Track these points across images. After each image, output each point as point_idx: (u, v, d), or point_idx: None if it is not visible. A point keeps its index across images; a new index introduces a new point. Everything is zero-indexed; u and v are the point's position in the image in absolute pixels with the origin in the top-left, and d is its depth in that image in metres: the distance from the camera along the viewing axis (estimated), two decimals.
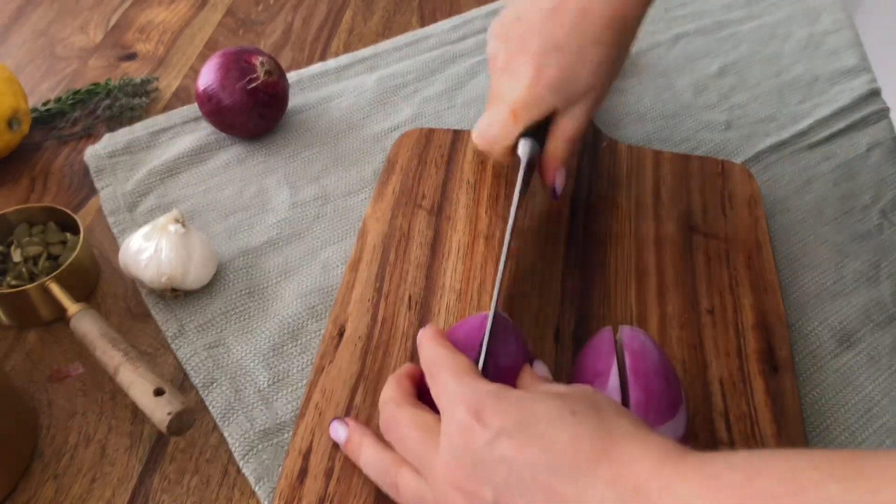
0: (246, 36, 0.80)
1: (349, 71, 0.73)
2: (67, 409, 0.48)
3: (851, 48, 0.75)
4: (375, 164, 0.64)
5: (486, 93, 0.70)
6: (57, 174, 0.64)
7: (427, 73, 0.73)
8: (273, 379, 0.49)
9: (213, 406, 0.48)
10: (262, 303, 0.53)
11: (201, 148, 0.65)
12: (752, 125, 0.67)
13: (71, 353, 0.51)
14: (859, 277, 0.55)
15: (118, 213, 0.60)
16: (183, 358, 0.50)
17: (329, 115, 0.69)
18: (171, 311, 0.53)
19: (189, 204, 0.60)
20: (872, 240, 0.58)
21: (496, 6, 0.81)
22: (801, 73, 0.72)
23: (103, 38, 0.80)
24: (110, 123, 0.68)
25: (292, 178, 0.63)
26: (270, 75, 0.62)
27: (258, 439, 0.46)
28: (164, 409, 0.42)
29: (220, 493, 0.44)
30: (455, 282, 0.52)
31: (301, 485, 0.42)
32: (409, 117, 0.68)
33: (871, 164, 0.64)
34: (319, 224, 0.59)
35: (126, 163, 0.64)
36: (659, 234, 0.55)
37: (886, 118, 0.68)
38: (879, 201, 0.61)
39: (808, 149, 0.65)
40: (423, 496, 0.37)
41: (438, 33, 0.78)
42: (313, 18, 0.82)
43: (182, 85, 0.74)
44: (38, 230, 0.55)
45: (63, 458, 0.46)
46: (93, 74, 0.75)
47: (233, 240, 0.58)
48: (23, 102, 0.63)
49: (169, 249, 0.51)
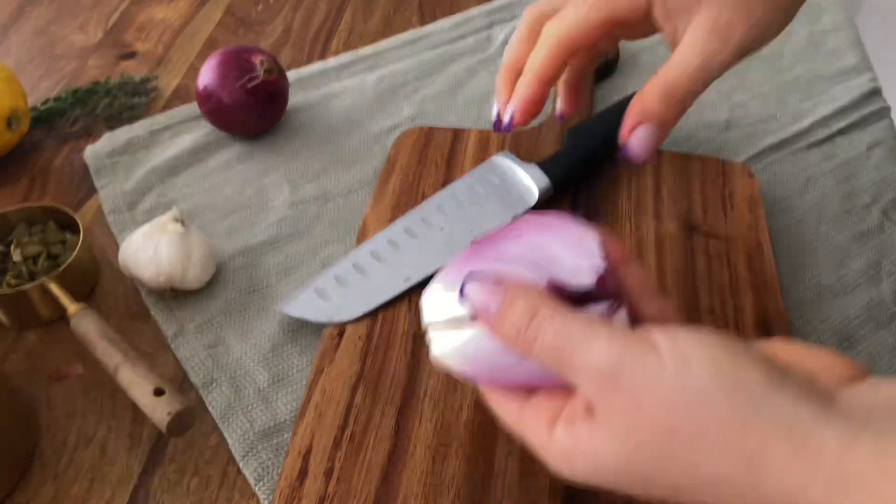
0: (246, 35, 0.80)
1: (349, 70, 0.73)
2: (67, 410, 0.48)
3: (852, 47, 0.75)
4: (376, 163, 0.64)
5: (486, 92, 0.71)
6: (56, 173, 0.64)
7: (427, 72, 0.73)
8: (273, 379, 0.49)
9: (212, 406, 0.48)
10: (262, 302, 0.53)
11: (201, 147, 0.65)
12: (753, 124, 0.67)
13: (70, 353, 0.51)
14: (860, 277, 0.55)
15: (118, 213, 0.59)
16: (182, 358, 0.50)
17: (329, 114, 0.68)
18: (170, 310, 0.53)
19: (189, 203, 0.60)
20: (873, 239, 0.58)
21: (496, 5, 0.81)
22: (802, 73, 0.72)
23: (103, 37, 0.79)
24: (110, 122, 0.68)
25: (292, 177, 0.63)
26: (270, 74, 0.62)
27: (258, 439, 0.46)
28: (163, 410, 0.42)
29: (219, 493, 0.44)
30: None
31: (301, 485, 0.42)
32: (410, 116, 0.68)
33: (872, 164, 0.64)
34: (319, 223, 0.59)
35: (126, 162, 0.64)
36: (659, 234, 0.55)
37: (887, 117, 0.68)
38: (880, 200, 0.61)
39: (809, 148, 0.65)
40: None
41: (439, 32, 0.78)
42: (313, 17, 0.82)
43: (182, 84, 0.73)
44: (37, 230, 0.55)
45: (62, 458, 0.46)
46: (92, 73, 0.75)
47: (233, 239, 0.58)
48: (22, 101, 0.63)
49: (169, 249, 0.51)
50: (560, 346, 0.28)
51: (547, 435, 0.29)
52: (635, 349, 0.27)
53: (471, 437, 0.44)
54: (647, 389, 0.26)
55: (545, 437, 0.29)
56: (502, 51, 0.75)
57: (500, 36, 0.77)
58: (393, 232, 0.54)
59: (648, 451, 0.26)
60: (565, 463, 0.29)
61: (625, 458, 0.27)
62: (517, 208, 0.55)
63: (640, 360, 0.26)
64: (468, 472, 0.42)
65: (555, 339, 0.28)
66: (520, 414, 0.31)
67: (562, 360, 0.28)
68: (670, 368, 0.26)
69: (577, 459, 0.28)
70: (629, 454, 0.27)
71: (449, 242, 0.53)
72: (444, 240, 0.54)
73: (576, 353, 0.28)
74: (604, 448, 0.27)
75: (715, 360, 0.26)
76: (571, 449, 0.28)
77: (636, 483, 0.28)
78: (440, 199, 0.56)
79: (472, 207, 0.55)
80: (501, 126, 0.43)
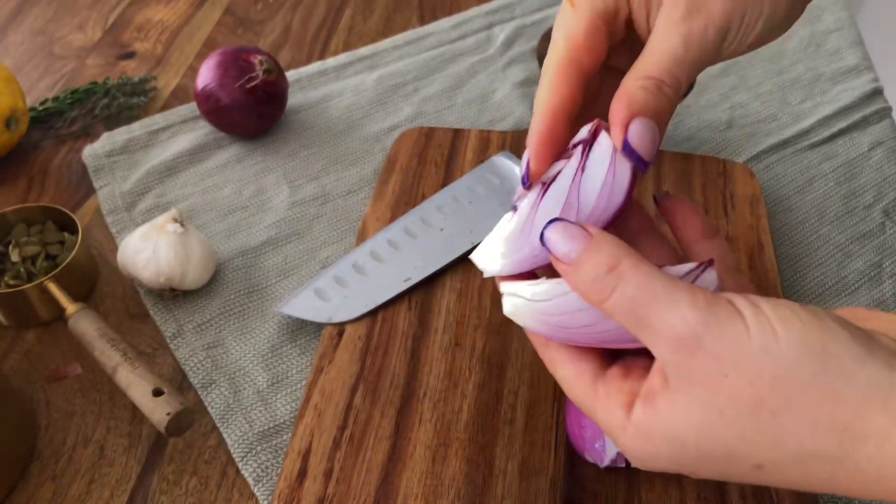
0: (245, 35, 0.79)
1: (349, 70, 0.73)
2: (66, 410, 0.48)
3: (853, 47, 0.75)
4: (375, 163, 0.63)
5: (486, 92, 0.70)
6: (55, 174, 0.64)
7: (427, 71, 0.73)
8: (272, 379, 0.49)
9: (211, 407, 0.47)
10: (261, 303, 0.53)
11: (200, 147, 0.65)
12: (754, 124, 0.67)
13: (69, 354, 0.51)
14: (861, 277, 0.55)
15: (116, 213, 0.59)
16: (181, 358, 0.50)
17: (328, 115, 0.68)
18: (169, 311, 0.52)
19: (188, 203, 0.60)
20: (874, 239, 0.58)
21: (496, 5, 0.81)
22: (803, 73, 0.72)
23: (101, 37, 0.79)
24: (108, 123, 0.68)
25: (291, 177, 0.62)
26: (269, 74, 0.62)
27: (257, 440, 0.46)
28: (162, 410, 0.42)
29: (218, 494, 0.44)
30: (455, 282, 0.52)
31: (300, 486, 0.42)
32: (409, 116, 0.68)
33: (873, 164, 0.63)
34: (319, 223, 0.59)
35: (124, 162, 0.63)
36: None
37: (888, 117, 0.68)
38: (881, 201, 0.60)
39: (810, 148, 0.65)
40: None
41: (438, 32, 0.77)
42: (312, 17, 0.82)
43: (180, 84, 0.73)
44: (36, 230, 0.55)
45: (61, 458, 0.46)
46: (91, 73, 0.74)
47: (231, 239, 0.57)
48: (21, 102, 0.63)
49: (167, 249, 0.50)
50: (639, 301, 0.26)
51: (624, 417, 0.28)
52: (720, 315, 0.25)
53: (471, 437, 0.44)
54: (732, 358, 0.24)
55: (622, 419, 0.28)
56: (502, 51, 0.75)
57: (500, 36, 0.76)
58: (392, 232, 0.54)
59: (731, 421, 0.25)
60: (644, 444, 0.27)
61: (706, 428, 0.25)
62: None
63: (724, 327, 0.25)
64: (468, 473, 0.42)
65: (635, 292, 0.26)
66: (592, 393, 0.30)
67: (639, 317, 0.26)
68: (757, 337, 0.24)
69: (657, 437, 0.27)
70: (711, 423, 0.25)
71: (449, 242, 0.53)
72: (443, 240, 0.53)
73: (655, 312, 0.26)
74: (683, 418, 0.26)
75: (802, 329, 0.24)
76: (649, 426, 0.27)
77: (717, 460, 0.26)
78: (440, 200, 0.56)
79: (472, 207, 0.55)
80: (523, 180, 0.34)
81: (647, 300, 0.26)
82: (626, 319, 0.27)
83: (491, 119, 0.68)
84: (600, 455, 0.41)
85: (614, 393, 0.29)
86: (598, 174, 0.31)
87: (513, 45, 0.75)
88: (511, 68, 0.73)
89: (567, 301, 0.29)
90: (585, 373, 0.30)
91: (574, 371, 0.30)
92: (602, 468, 0.42)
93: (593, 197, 0.31)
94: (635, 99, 0.31)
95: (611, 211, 0.31)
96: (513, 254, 0.32)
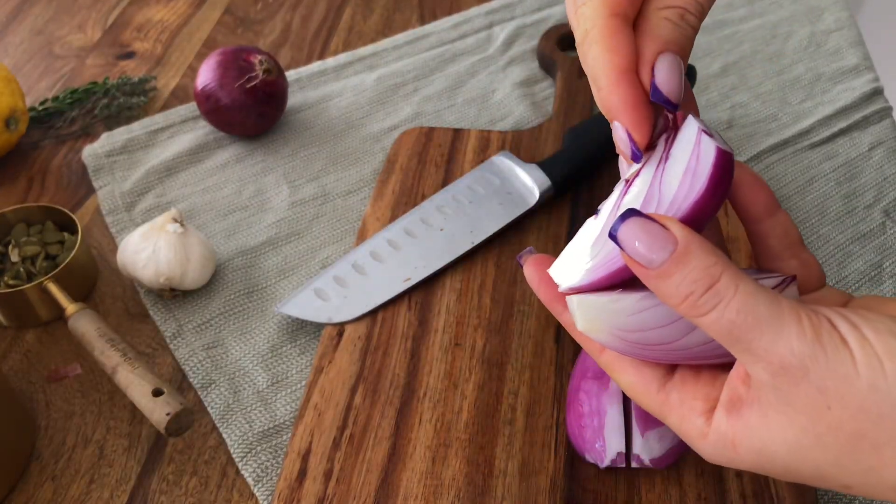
0: (245, 34, 0.79)
1: (348, 70, 0.73)
2: (65, 410, 0.48)
3: (854, 47, 0.75)
4: (375, 163, 0.63)
5: (486, 92, 0.70)
6: (55, 173, 0.64)
7: (427, 71, 0.73)
8: (272, 380, 0.49)
9: (211, 407, 0.47)
10: (261, 303, 0.53)
11: (200, 147, 0.65)
12: (754, 124, 0.67)
13: (69, 354, 0.51)
14: (862, 278, 0.55)
15: (116, 213, 0.59)
16: (181, 358, 0.50)
17: (328, 114, 0.68)
18: (169, 311, 0.52)
19: (187, 203, 0.60)
20: (875, 240, 0.57)
21: (496, 5, 0.80)
22: (803, 73, 0.72)
23: (101, 37, 0.79)
24: (108, 122, 0.68)
25: (291, 177, 0.62)
26: (269, 74, 0.62)
27: (257, 440, 0.45)
28: (162, 410, 0.42)
29: (218, 494, 0.44)
30: (455, 282, 0.52)
31: (300, 486, 0.42)
32: (409, 116, 0.68)
33: (874, 164, 0.63)
34: (318, 223, 0.59)
35: (124, 162, 0.63)
36: None
37: (889, 117, 0.68)
38: (882, 201, 0.60)
39: (810, 148, 0.65)
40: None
41: (438, 32, 0.77)
42: (312, 17, 0.82)
43: (180, 84, 0.73)
44: (35, 230, 0.55)
45: (61, 459, 0.46)
46: (90, 73, 0.74)
47: (231, 239, 0.57)
48: (20, 102, 0.63)
49: (167, 249, 0.50)
50: (740, 325, 0.25)
51: (703, 423, 0.28)
52: (827, 346, 0.24)
53: (471, 437, 0.44)
54: (838, 394, 0.24)
55: (701, 427, 0.28)
56: (502, 51, 0.75)
57: (500, 36, 0.76)
58: (392, 232, 0.54)
59: (828, 448, 0.25)
60: (726, 451, 0.27)
61: (800, 451, 0.25)
62: (517, 209, 0.55)
63: (832, 361, 0.24)
64: (468, 473, 0.42)
65: (737, 316, 0.25)
66: (664, 399, 0.29)
67: (738, 339, 0.25)
68: (865, 374, 0.24)
69: (742, 447, 0.27)
70: (805, 447, 0.25)
71: (449, 242, 0.53)
72: (443, 240, 0.53)
73: (759, 339, 0.25)
74: (777, 435, 0.26)
75: None
76: (736, 436, 0.27)
77: (804, 477, 0.26)
78: (440, 200, 0.56)
79: (472, 207, 0.55)
80: (634, 156, 0.30)
81: (749, 325, 0.25)
82: (723, 338, 0.26)
83: (491, 119, 0.68)
84: (600, 455, 0.41)
85: (688, 399, 0.28)
86: (682, 160, 0.28)
87: (513, 44, 0.75)
88: (511, 68, 0.73)
89: (647, 317, 0.28)
90: (651, 380, 0.30)
91: (638, 378, 0.30)
92: (602, 468, 0.42)
93: (675, 184, 0.28)
94: (658, 34, 0.29)
95: (692, 198, 0.27)
96: (595, 263, 0.29)
